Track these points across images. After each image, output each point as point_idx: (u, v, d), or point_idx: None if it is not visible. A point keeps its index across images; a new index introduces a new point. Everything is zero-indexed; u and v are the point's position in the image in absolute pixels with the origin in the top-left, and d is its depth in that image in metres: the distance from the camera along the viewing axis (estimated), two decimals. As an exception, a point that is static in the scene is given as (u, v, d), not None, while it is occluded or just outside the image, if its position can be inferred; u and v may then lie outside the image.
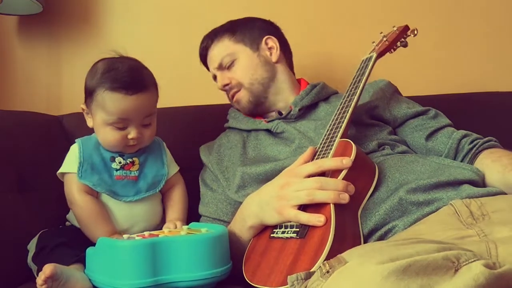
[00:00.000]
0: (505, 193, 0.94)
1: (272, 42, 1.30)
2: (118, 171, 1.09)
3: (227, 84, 1.27)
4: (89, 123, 1.13)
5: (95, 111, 1.08)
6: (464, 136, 1.14)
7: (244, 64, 1.26)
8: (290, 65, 1.35)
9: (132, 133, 1.07)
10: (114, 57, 1.09)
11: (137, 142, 1.09)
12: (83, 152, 1.08)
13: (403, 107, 1.22)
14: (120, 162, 1.10)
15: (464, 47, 1.69)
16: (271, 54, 1.29)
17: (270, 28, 1.33)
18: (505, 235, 0.72)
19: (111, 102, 1.04)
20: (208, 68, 1.36)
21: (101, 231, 1.04)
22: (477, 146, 1.11)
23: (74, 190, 1.07)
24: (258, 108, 1.27)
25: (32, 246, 1.05)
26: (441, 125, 1.18)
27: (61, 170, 1.10)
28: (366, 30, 1.63)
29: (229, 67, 1.27)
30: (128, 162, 1.11)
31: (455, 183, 0.94)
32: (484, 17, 1.69)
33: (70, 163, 1.09)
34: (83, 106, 1.12)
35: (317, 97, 1.24)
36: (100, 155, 1.10)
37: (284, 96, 1.27)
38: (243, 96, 1.26)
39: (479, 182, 0.98)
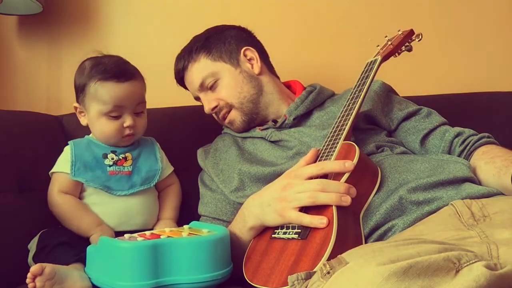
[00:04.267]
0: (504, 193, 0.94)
1: (251, 53, 1.26)
2: (111, 167, 1.10)
3: (215, 107, 1.22)
4: (83, 121, 1.15)
5: (88, 104, 1.10)
6: (457, 135, 1.13)
7: (228, 83, 1.22)
8: (271, 71, 1.31)
9: (127, 121, 1.09)
10: (98, 55, 1.14)
11: (132, 131, 1.11)
12: (74, 152, 1.10)
13: (395, 110, 1.20)
14: (112, 159, 1.11)
15: (464, 47, 1.69)
16: (252, 66, 1.25)
17: (244, 37, 1.29)
18: (506, 236, 0.72)
19: (105, 91, 1.07)
20: (185, 88, 1.32)
21: (85, 221, 1.06)
22: (468, 146, 1.10)
23: (54, 190, 1.09)
24: (251, 124, 1.24)
25: (32, 246, 1.06)
26: (434, 125, 1.17)
27: (52, 170, 1.12)
28: (364, 30, 1.64)
29: (212, 87, 1.22)
30: (121, 158, 1.12)
31: (455, 182, 0.94)
32: (484, 17, 1.70)
33: (60, 163, 1.11)
34: (76, 105, 1.14)
35: (312, 104, 1.22)
36: (92, 153, 1.11)
37: (275, 108, 1.25)
38: (235, 117, 1.23)
39: (477, 179, 0.99)
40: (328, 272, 0.63)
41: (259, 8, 1.64)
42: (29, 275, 0.85)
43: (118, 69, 1.09)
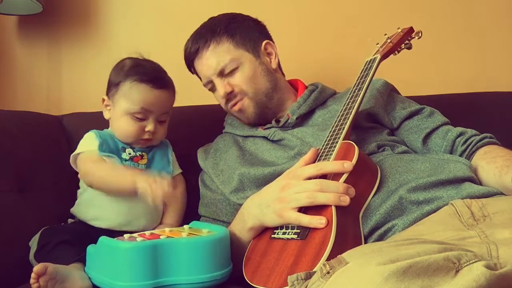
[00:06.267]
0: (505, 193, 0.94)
1: (271, 47, 1.25)
2: (127, 162, 1.12)
3: (230, 92, 1.19)
4: (107, 115, 1.18)
5: (117, 101, 1.13)
6: (459, 135, 1.13)
7: (247, 72, 1.19)
8: (281, 69, 1.31)
9: (149, 126, 1.12)
10: (139, 58, 1.17)
11: (151, 137, 1.14)
12: (100, 136, 1.12)
13: (398, 109, 1.20)
14: (130, 153, 1.13)
15: (465, 47, 1.69)
16: (270, 61, 1.24)
17: (263, 30, 1.28)
18: (506, 236, 0.72)
19: (138, 92, 1.11)
20: (192, 70, 1.28)
21: (123, 174, 1.05)
22: (470, 146, 1.10)
23: (88, 162, 1.10)
24: (261, 119, 1.23)
25: (33, 243, 1.06)
26: (436, 124, 1.16)
27: (76, 151, 1.12)
28: (365, 29, 1.64)
29: (230, 73, 1.19)
30: (138, 154, 1.14)
31: (455, 181, 0.94)
32: (484, 17, 1.70)
33: (86, 145, 1.13)
34: (105, 97, 1.17)
35: (315, 103, 1.21)
36: (114, 143, 1.14)
37: (285, 106, 1.24)
38: (248, 106, 1.20)
39: (477, 179, 0.99)
40: (328, 272, 0.63)
41: (260, 7, 1.64)
42: (33, 275, 0.85)
43: (155, 75, 1.14)
